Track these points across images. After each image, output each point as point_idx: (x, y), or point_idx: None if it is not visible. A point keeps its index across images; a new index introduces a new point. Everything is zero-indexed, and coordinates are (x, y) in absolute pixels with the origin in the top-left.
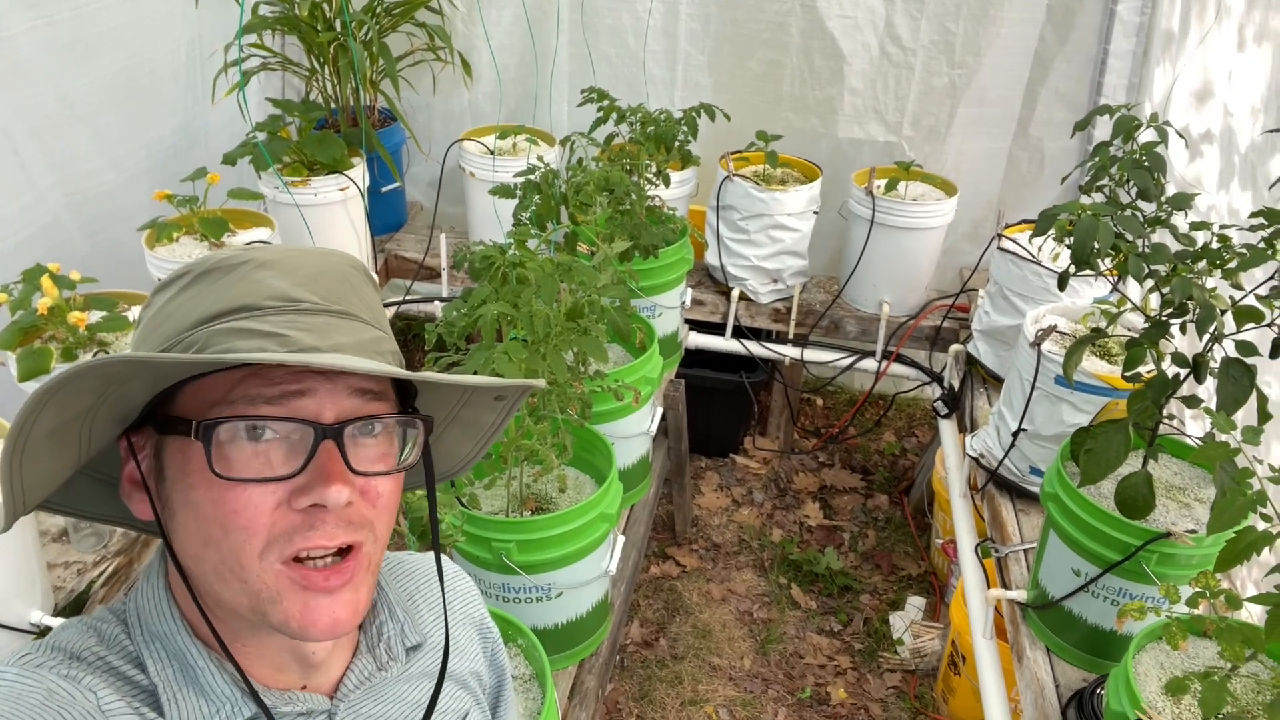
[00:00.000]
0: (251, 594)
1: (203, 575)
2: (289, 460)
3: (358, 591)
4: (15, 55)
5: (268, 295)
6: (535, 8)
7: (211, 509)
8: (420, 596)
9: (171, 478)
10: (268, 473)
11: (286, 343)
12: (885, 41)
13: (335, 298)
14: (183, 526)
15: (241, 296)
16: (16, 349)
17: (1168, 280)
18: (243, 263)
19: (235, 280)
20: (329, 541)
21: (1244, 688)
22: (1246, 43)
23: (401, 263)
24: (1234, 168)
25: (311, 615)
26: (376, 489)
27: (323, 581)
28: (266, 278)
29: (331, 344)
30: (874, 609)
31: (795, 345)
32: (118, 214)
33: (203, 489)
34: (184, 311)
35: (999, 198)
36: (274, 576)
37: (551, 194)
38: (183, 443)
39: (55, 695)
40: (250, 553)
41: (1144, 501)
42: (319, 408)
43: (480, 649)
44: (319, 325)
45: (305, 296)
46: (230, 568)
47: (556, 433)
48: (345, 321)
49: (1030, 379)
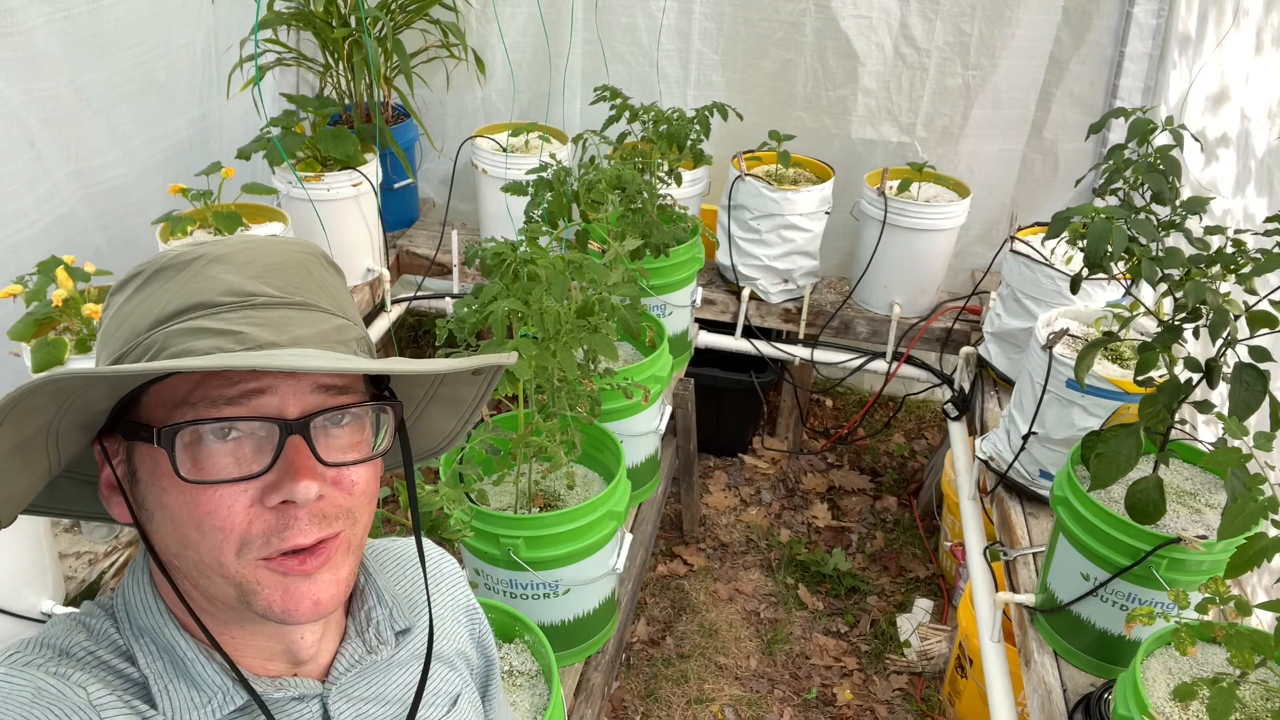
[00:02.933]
0: (234, 585)
1: (186, 572)
2: (257, 457)
3: (337, 571)
4: (32, 48)
5: (222, 291)
6: (549, 6)
7: (186, 511)
8: (407, 581)
9: (145, 480)
10: (236, 472)
11: (243, 339)
12: (899, 42)
13: (293, 288)
14: (161, 527)
15: (196, 294)
16: (31, 340)
17: (1181, 284)
18: (195, 258)
19: (189, 277)
20: (305, 540)
21: (1253, 694)
22: (1265, 46)
23: (413, 258)
24: (1250, 172)
25: (293, 599)
26: (351, 477)
27: (300, 566)
28: (220, 273)
29: (290, 337)
30: (881, 611)
31: (805, 345)
32: (132, 207)
33: (174, 492)
34: (140, 313)
35: (1012, 200)
36: (252, 569)
37: (563, 192)
38: (150, 447)
39: (44, 693)
40: (228, 551)
41: (1154, 506)
42: (282, 404)
43: (466, 631)
44: (276, 319)
45: (261, 290)
46: (210, 565)
47: (565, 430)
48: (304, 313)
49: (1041, 382)
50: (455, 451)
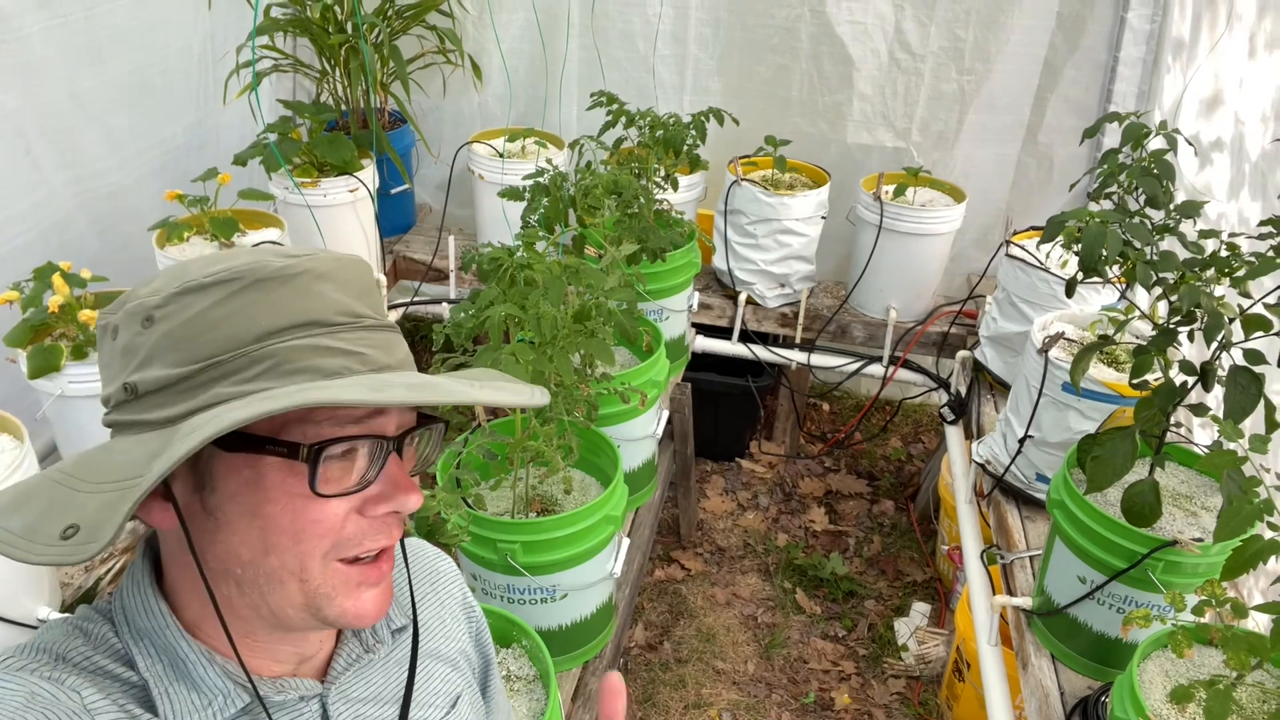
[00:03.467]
0: (309, 592)
1: (252, 580)
2: (365, 472)
3: (390, 577)
4: (29, 54)
5: (336, 310)
6: (546, 11)
7: (290, 520)
8: (402, 579)
9: (230, 491)
10: (348, 486)
11: (366, 360)
12: (894, 47)
13: (380, 311)
14: (236, 535)
15: (310, 311)
16: (27, 346)
17: (1176, 288)
18: (301, 273)
19: (299, 292)
20: (390, 542)
21: (1249, 696)
22: (1258, 50)
23: (410, 264)
24: (1244, 176)
25: (364, 606)
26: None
27: (374, 575)
28: (329, 290)
29: (397, 360)
30: (879, 614)
31: (802, 350)
32: (129, 213)
33: (283, 502)
34: (238, 322)
35: (1007, 204)
36: (332, 574)
37: (560, 197)
38: (255, 459)
39: (38, 697)
40: (315, 555)
41: (1150, 509)
42: (388, 423)
43: (466, 629)
44: (382, 342)
45: (365, 311)
46: (291, 570)
47: (563, 434)
48: (394, 336)
49: (1037, 385)
50: (453, 456)
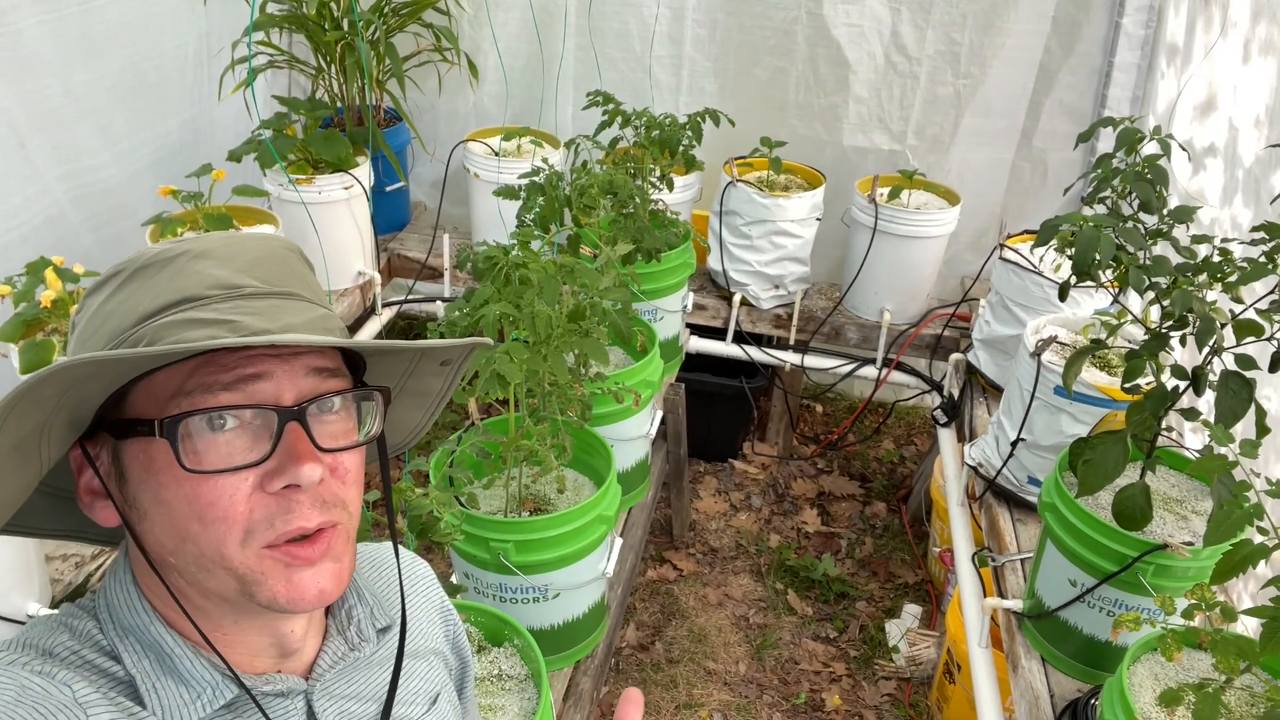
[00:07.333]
0: (238, 578)
1: (183, 568)
2: (256, 445)
3: (339, 560)
4: (23, 48)
5: (210, 284)
6: (542, 10)
7: (186, 504)
8: (383, 581)
9: (136, 479)
10: (237, 460)
11: (237, 328)
12: (891, 50)
13: (277, 281)
14: (156, 525)
15: (183, 288)
16: (19, 341)
17: (1168, 293)
18: (178, 255)
19: (174, 274)
20: (308, 524)
21: (1238, 700)
22: (1252, 56)
23: (404, 262)
24: (1237, 182)
25: (298, 589)
26: (344, 465)
27: (305, 554)
28: (206, 267)
29: (282, 325)
30: (870, 616)
31: (796, 351)
32: (122, 208)
33: (173, 486)
34: (124, 310)
35: (1001, 208)
36: (257, 559)
37: (555, 196)
38: (145, 443)
39: (29, 691)
40: (232, 542)
41: (1141, 513)
42: (278, 390)
43: (441, 631)
44: (266, 309)
45: (247, 282)
46: (210, 557)
47: (556, 434)
48: (291, 302)
49: (1030, 389)
50: (445, 454)
